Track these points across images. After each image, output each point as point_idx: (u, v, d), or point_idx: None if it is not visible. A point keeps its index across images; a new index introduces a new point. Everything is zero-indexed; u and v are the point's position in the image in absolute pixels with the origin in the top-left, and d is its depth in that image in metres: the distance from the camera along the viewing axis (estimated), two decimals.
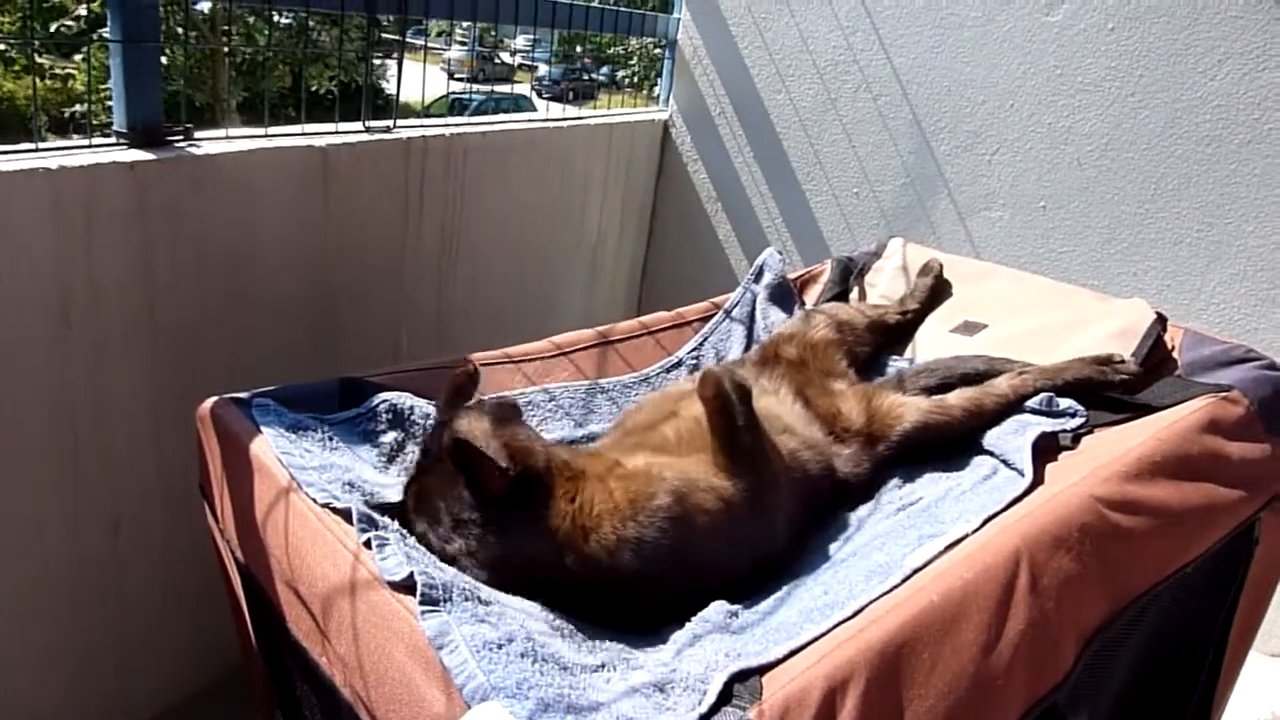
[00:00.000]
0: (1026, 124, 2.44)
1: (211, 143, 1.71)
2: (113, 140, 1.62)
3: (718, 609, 1.06)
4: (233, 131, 1.80)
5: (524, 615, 0.98)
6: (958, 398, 1.46)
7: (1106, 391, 1.46)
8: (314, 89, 9.31)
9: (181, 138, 1.69)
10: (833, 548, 1.24)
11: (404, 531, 1.05)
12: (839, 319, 1.71)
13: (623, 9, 2.88)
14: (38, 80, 10.36)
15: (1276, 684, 2.32)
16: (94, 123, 1.65)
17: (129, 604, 1.73)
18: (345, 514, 1.04)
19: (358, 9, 1.97)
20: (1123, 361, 1.47)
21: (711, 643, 0.96)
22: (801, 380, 1.53)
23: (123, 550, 1.70)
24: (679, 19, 2.94)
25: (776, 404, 1.43)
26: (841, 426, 1.44)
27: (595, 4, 2.74)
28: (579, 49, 3.95)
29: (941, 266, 1.87)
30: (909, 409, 1.45)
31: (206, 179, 1.66)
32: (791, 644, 0.93)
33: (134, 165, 1.55)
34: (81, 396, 1.57)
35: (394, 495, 1.18)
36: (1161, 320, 1.61)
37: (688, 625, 1.03)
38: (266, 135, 1.81)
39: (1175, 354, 1.59)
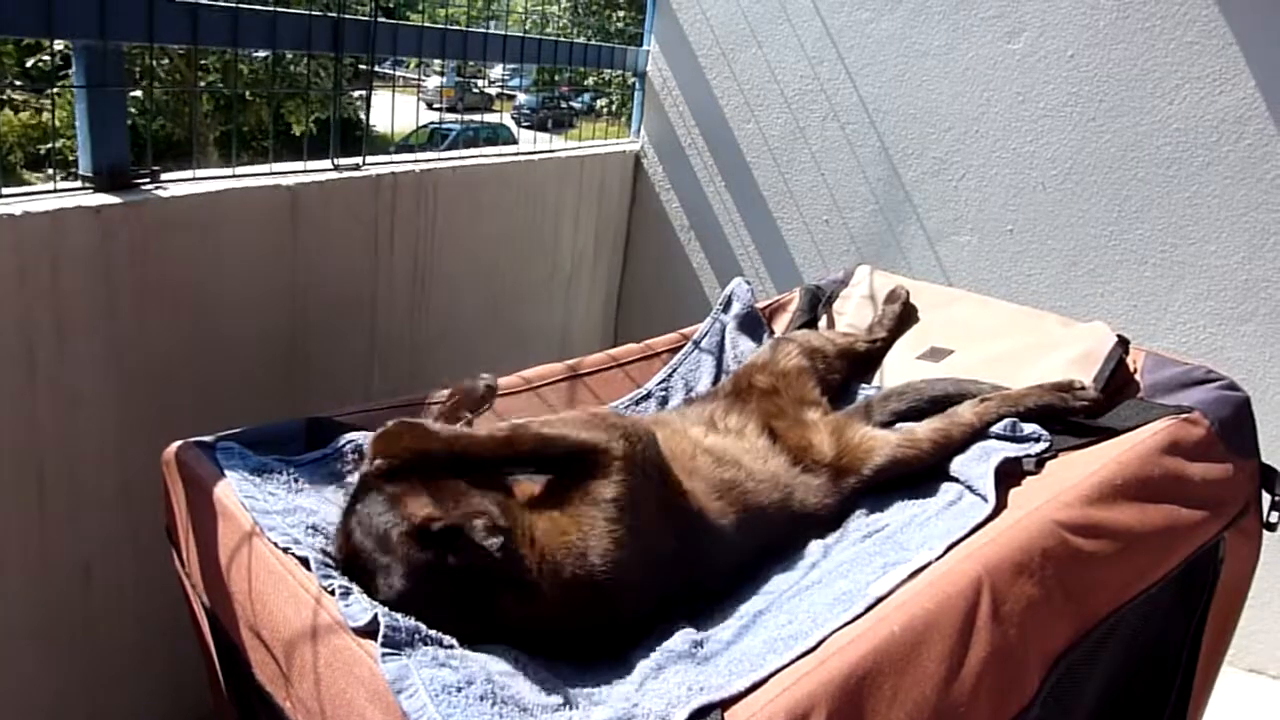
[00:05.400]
0: (991, 149, 2.48)
1: (179, 184, 1.72)
2: (78, 184, 1.62)
3: (683, 638, 1.06)
4: (200, 172, 1.80)
5: (486, 656, 0.98)
6: (925, 430, 1.47)
7: (1068, 417, 1.48)
8: (292, 129, 9.31)
9: (148, 180, 1.69)
10: (797, 575, 1.24)
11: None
12: (810, 346, 1.72)
13: (591, 43, 2.91)
14: (12, 116, 10.37)
15: (1254, 699, 2.33)
16: (68, 159, 1.66)
17: (100, 647, 1.72)
18: (306, 561, 1.04)
19: (325, 48, 1.98)
20: (1083, 388, 1.49)
21: (675, 674, 0.97)
22: (773, 411, 1.54)
23: (94, 592, 1.68)
24: (648, 51, 2.97)
25: (734, 441, 1.44)
26: (813, 459, 1.45)
27: (565, 38, 2.76)
28: (556, 78, 3.98)
29: (908, 293, 1.89)
30: (879, 443, 1.46)
31: (174, 221, 1.67)
32: (754, 676, 0.93)
33: (100, 209, 1.55)
34: (48, 440, 1.56)
35: None
36: (1123, 343, 1.63)
37: (652, 654, 1.03)
38: (234, 175, 1.82)
39: (1137, 376, 1.61)
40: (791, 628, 1.03)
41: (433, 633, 0.95)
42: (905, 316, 1.87)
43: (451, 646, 0.94)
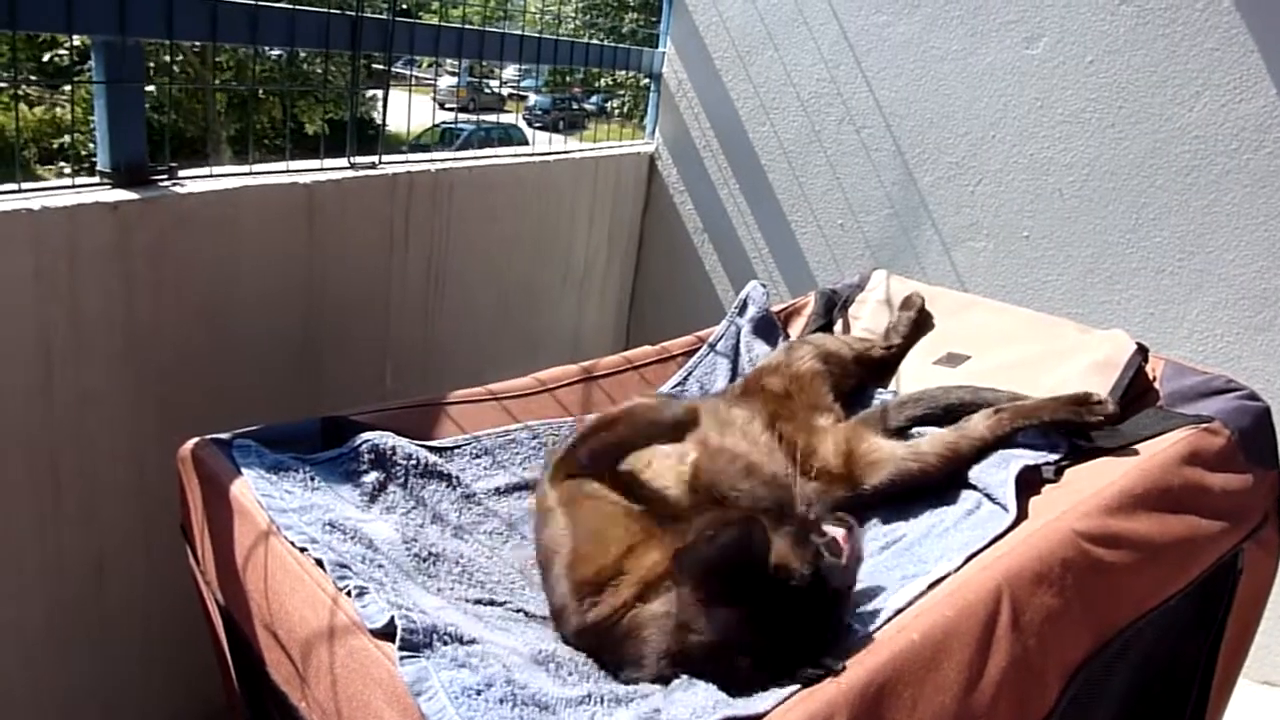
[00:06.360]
0: (1009, 155, 2.46)
1: (195, 181, 1.72)
2: (96, 180, 1.62)
3: None
4: (217, 169, 1.80)
5: (508, 651, 0.98)
6: (932, 444, 1.43)
7: (1079, 435, 1.45)
8: (305, 128, 9.30)
9: (165, 176, 1.69)
10: None
11: (381, 580, 1.04)
12: (825, 350, 1.71)
13: (607, 44, 2.90)
14: (27, 111, 10.40)
15: (1268, 712, 2.31)
16: (81, 154, 1.66)
17: (113, 644, 1.72)
18: (321, 562, 1.03)
19: (342, 46, 1.98)
20: (1099, 402, 1.43)
21: (704, 689, 0.94)
22: (783, 413, 1.52)
23: (107, 589, 1.69)
24: (663, 53, 2.97)
25: (734, 434, 1.42)
26: (817, 467, 1.43)
27: (581, 39, 2.76)
28: (568, 79, 3.98)
29: (923, 300, 1.88)
30: (884, 458, 1.42)
31: (190, 218, 1.67)
32: (780, 693, 0.92)
33: (117, 205, 1.56)
34: (63, 436, 1.56)
35: (375, 531, 1.18)
36: (1143, 351, 1.62)
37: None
38: (251, 173, 1.82)
39: (1156, 384, 1.60)
40: None
41: (451, 630, 0.94)
42: (921, 323, 1.86)
43: (472, 642, 0.93)
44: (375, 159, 2.06)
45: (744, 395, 1.59)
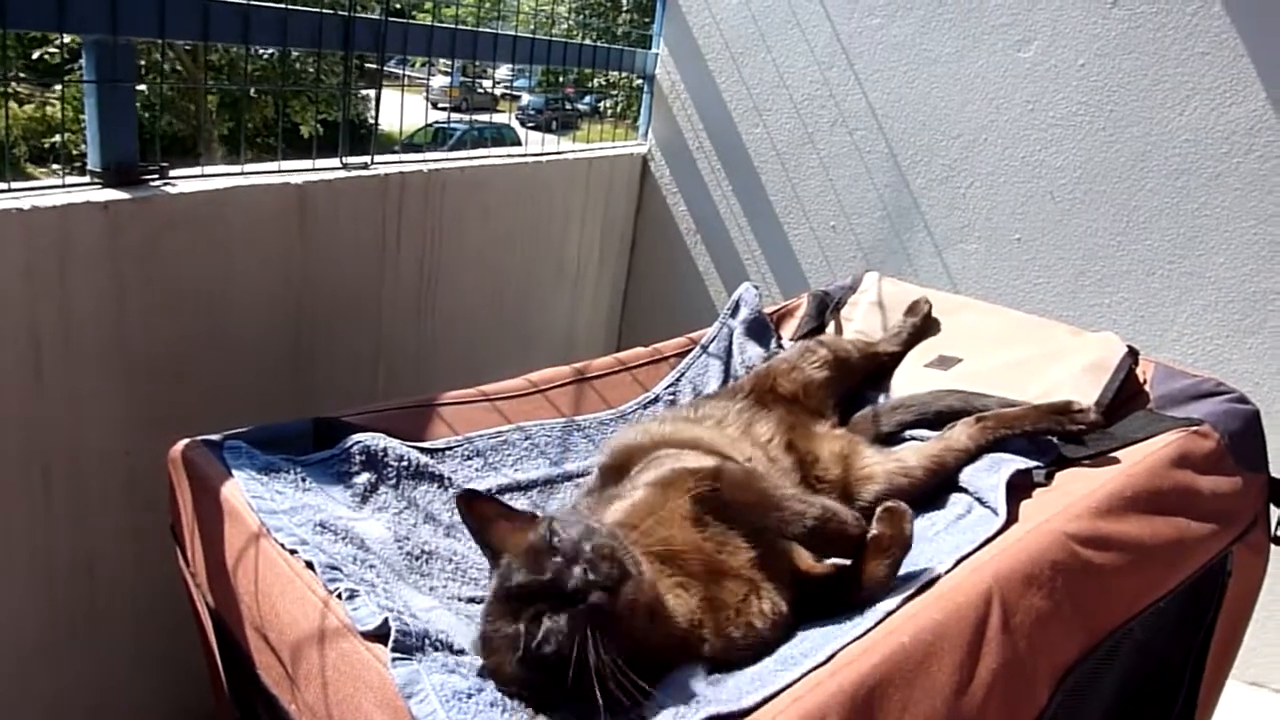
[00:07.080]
0: (1000, 158, 2.47)
1: (187, 181, 1.71)
2: (87, 180, 1.62)
3: (690, 668, 1.04)
4: (209, 169, 1.80)
5: None
6: (919, 458, 1.45)
7: (1067, 440, 1.45)
8: (299, 128, 9.25)
9: (156, 176, 1.69)
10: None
11: (373, 581, 1.04)
12: (838, 356, 1.70)
13: (600, 45, 2.90)
14: (18, 109, 10.35)
15: (1255, 712, 2.32)
16: (72, 153, 1.65)
17: (103, 646, 1.71)
18: (311, 564, 1.03)
19: (335, 46, 1.98)
20: (1081, 411, 1.44)
21: (684, 693, 0.95)
22: (792, 421, 1.54)
23: (97, 590, 1.68)
24: (657, 54, 2.97)
25: (758, 453, 1.43)
26: (818, 476, 1.44)
27: (574, 40, 2.76)
28: (561, 79, 3.98)
29: (930, 306, 1.87)
30: (875, 473, 1.45)
31: (181, 218, 1.66)
32: (766, 691, 0.92)
33: (108, 205, 1.55)
34: (53, 437, 1.56)
35: (367, 529, 1.18)
36: (1133, 354, 1.62)
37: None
38: (243, 173, 1.81)
39: (1147, 387, 1.60)
40: (803, 645, 1.02)
41: (442, 638, 0.94)
42: (926, 329, 1.85)
43: (461, 651, 0.93)
44: (367, 159, 2.06)
45: (758, 399, 1.59)
